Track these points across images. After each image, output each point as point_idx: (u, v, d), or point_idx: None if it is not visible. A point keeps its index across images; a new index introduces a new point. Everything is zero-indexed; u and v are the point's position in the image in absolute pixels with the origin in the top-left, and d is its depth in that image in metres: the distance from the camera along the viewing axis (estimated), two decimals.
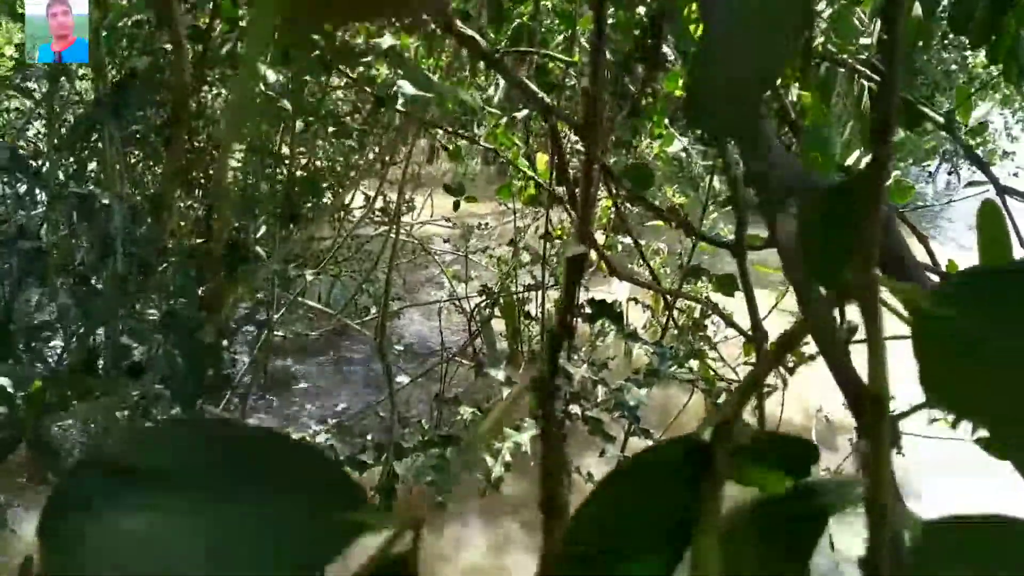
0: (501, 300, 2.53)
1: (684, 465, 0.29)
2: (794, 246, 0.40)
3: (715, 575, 0.28)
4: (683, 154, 2.64)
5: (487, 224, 3.25)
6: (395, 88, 1.09)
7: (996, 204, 0.31)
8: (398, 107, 1.27)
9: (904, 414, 0.37)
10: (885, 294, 0.27)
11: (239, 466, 0.23)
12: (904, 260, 0.42)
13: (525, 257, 2.65)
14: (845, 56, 1.35)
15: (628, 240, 2.82)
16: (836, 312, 0.42)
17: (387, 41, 1.25)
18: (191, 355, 1.35)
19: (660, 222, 3.22)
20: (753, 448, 0.30)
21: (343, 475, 0.24)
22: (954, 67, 6.23)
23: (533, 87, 1.22)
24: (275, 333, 2.67)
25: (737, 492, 0.31)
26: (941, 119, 1.23)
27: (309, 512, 0.23)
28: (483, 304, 2.52)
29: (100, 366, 1.38)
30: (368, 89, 1.41)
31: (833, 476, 0.29)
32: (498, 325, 2.69)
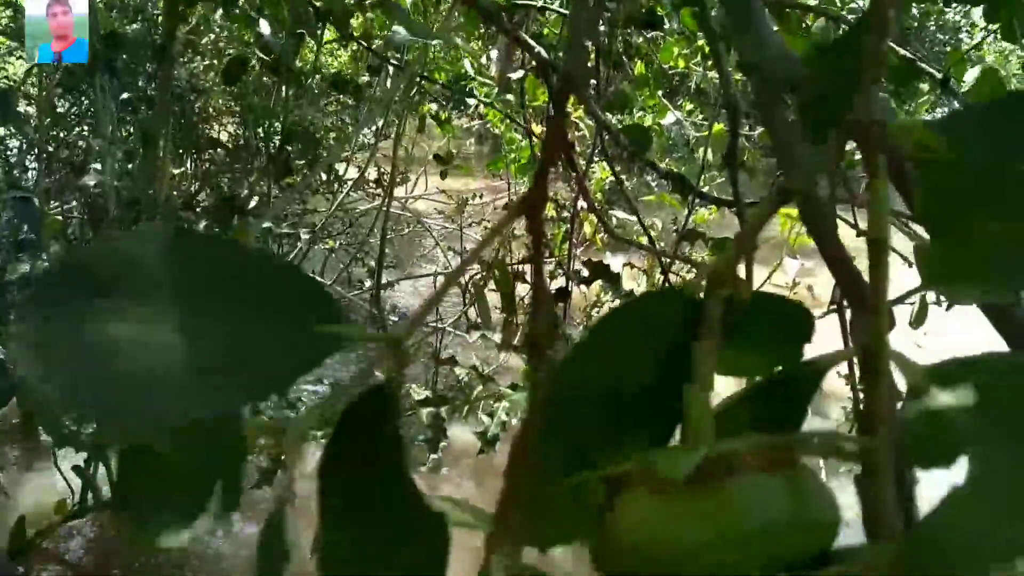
0: (496, 272, 2.52)
1: (674, 320, 0.28)
2: (789, 134, 0.39)
3: (707, 435, 0.28)
4: (676, 127, 2.63)
5: (481, 195, 3.24)
6: (391, 34, 1.08)
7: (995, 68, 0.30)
8: (393, 60, 1.26)
9: (899, 299, 0.36)
10: None
11: (215, 277, 0.23)
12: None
13: (519, 230, 2.64)
14: (841, 13, 1.34)
15: (622, 215, 2.81)
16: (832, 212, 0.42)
17: None
18: None
19: (652, 198, 3.21)
20: (748, 306, 0.29)
21: (321, 289, 0.23)
22: (948, 48, 6.23)
23: (531, 41, 1.21)
24: None
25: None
26: (938, 75, 1.22)
27: (286, 323, 0.22)
28: (477, 276, 2.51)
29: None
30: (363, 43, 1.40)
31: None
32: (493, 300, 2.69)
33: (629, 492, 0.26)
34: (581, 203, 1.92)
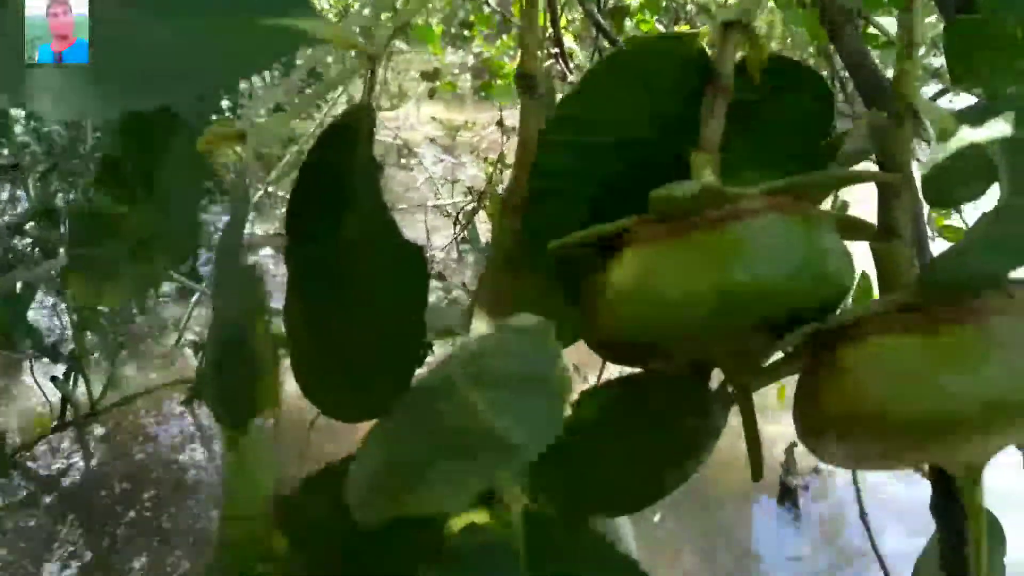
0: (487, 202, 2.49)
1: (683, 69, 0.26)
2: None
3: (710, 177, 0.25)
4: None
5: (474, 123, 3.19)
6: None
7: None
8: None
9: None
10: None
11: None
12: None
13: (511, 158, 2.60)
14: None
15: None
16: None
17: None
18: None
19: None
20: (763, 69, 0.26)
21: None
22: None
23: None
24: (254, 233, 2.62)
25: None
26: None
27: (241, 14, 0.20)
28: (468, 205, 2.47)
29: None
30: None
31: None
32: (483, 231, 2.66)
33: (624, 249, 0.23)
34: None
